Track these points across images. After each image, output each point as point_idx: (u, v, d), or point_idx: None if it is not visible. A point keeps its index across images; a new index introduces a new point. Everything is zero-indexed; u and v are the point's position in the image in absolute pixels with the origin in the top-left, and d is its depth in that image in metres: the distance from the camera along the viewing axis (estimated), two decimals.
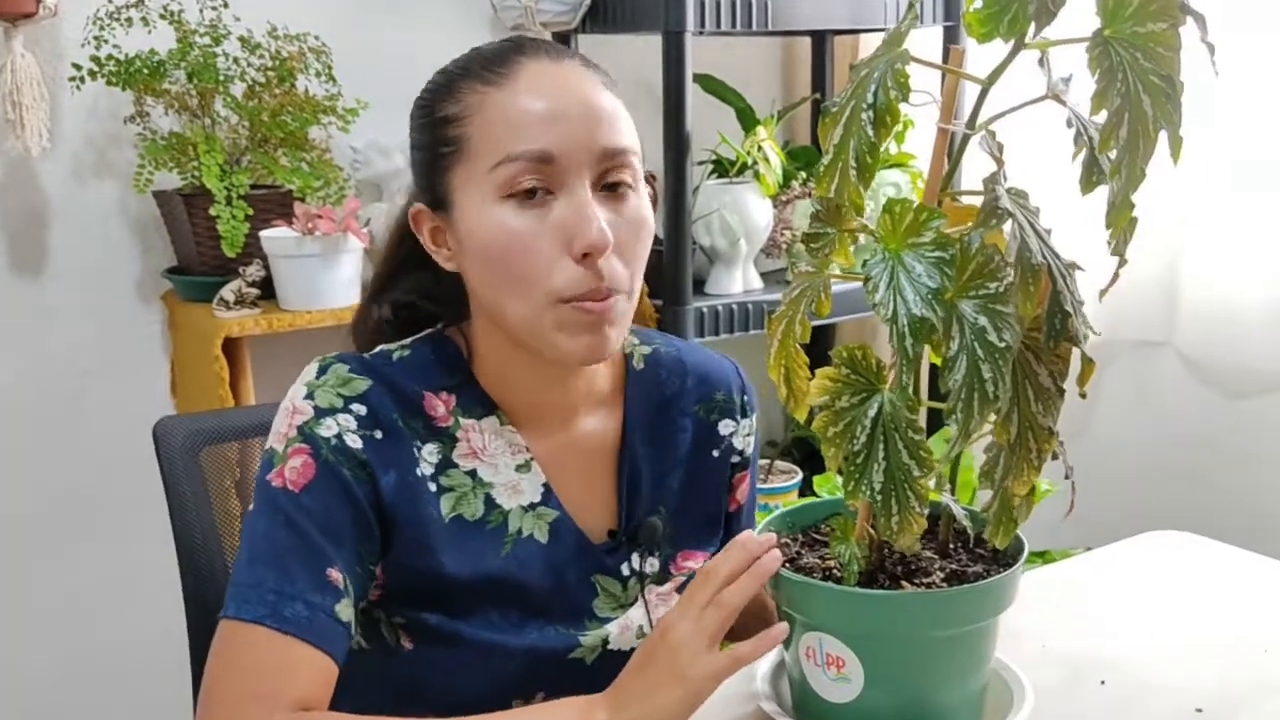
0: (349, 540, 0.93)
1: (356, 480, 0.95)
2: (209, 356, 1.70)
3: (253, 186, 1.82)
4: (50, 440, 1.98)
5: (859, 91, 0.81)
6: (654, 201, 2.26)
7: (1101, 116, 0.74)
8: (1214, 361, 2.20)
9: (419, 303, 1.07)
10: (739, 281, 2.18)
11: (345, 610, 0.92)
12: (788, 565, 0.95)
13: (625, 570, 1.07)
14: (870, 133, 0.80)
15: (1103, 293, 0.88)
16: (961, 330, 0.75)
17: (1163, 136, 0.74)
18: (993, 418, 0.79)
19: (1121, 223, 0.76)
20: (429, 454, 1.00)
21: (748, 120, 2.30)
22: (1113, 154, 0.74)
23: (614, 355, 1.02)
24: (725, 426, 1.14)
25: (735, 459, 1.15)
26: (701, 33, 1.96)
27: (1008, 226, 0.78)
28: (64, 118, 1.88)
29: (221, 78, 1.78)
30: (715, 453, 1.13)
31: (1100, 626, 1.16)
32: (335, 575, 0.91)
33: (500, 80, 0.95)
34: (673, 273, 2.02)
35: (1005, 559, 0.93)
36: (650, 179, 2.26)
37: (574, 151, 0.93)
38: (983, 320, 0.75)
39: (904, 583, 0.89)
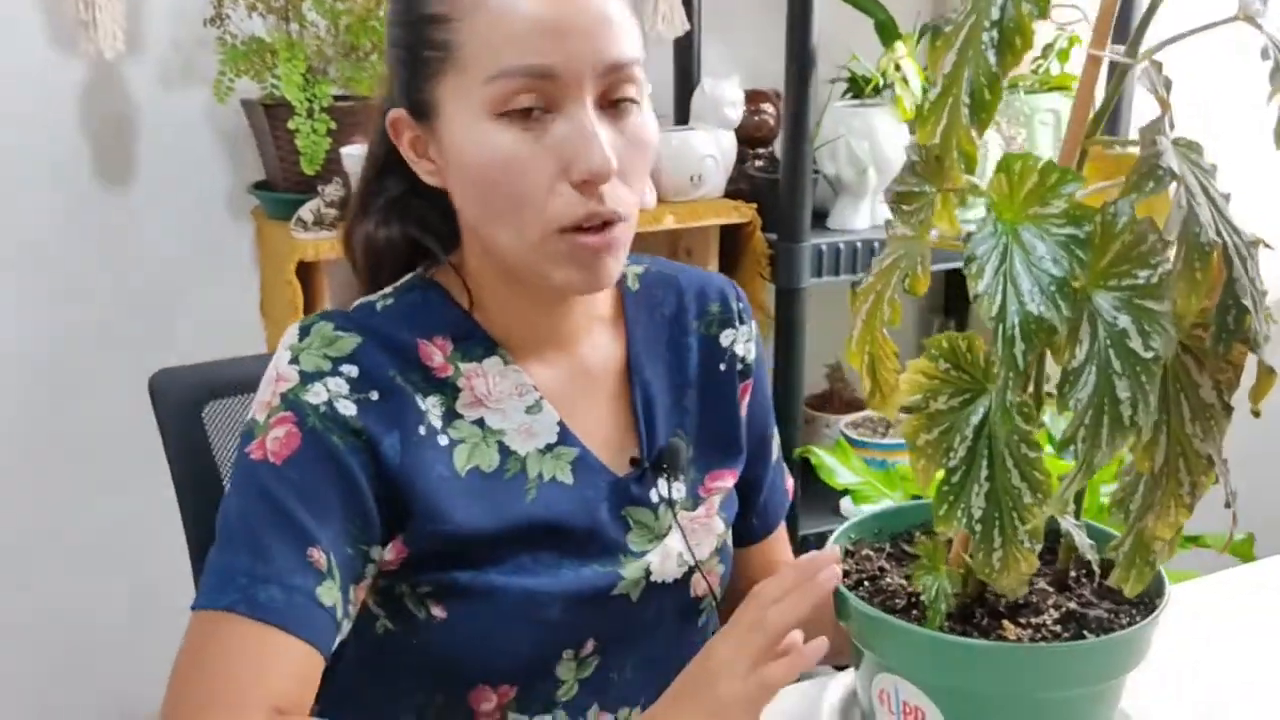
0: (336, 517, 0.85)
1: (350, 450, 0.86)
2: (284, 279, 1.61)
3: (338, 98, 1.71)
4: (135, 358, 1.93)
5: (981, 5, 0.62)
6: (775, 123, 2.06)
7: None
8: None
9: (409, 230, 0.96)
10: (866, 216, 1.99)
11: (329, 594, 0.82)
12: (867, 584, 0.80)
13: (654, 498, 1.00)
14: (992, 59, 0.61)
15: None
16: (1094, 333, 0.57)
17: None
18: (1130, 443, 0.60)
19: None
20: (432, 406, 0.92)
21: (888, 34, 2.07)
22: None
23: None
24: (726, 336, 1.08)
25: (740, 366, 1.08)
26: None
27: (1172, 191, 0.59)
28: (149, 18, 1.79)
29: None
30: (722, 366, 1.07)
31: (1233, 657, 0.96)
32: (317, 555, 0.83)
33: None
34: (789, 205, 1.84)
35: (1143, 598, 0.75)
36: (774, 97, 2.08)
37: (577, 67, 0.83)
38: (1124, 320, 0.57)
39: (1006, 623, 0.73)
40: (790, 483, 1.17)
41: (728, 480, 1.06)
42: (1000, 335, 0.55)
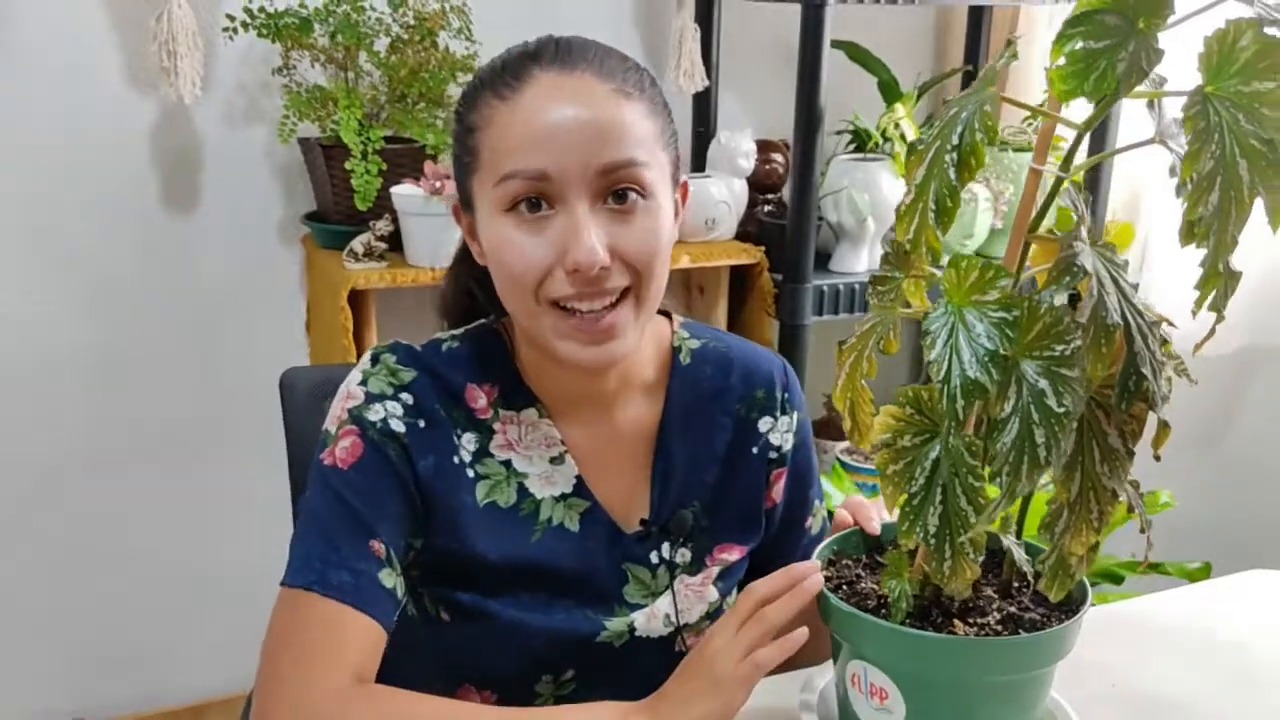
0: (392, 514, 0.99)
1: (400, 459, 1.00)
2: (336, 305, 1.77)
3: (389, 140, 1.87)
4: (188, 372, 2.10)
5: (945, 131, 0.79)
6: (784, 171, 2.21)
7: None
8: None
9: (474, 289, 1.12)
10: (864, 260, 2.15)
11: (389, 577, 0.97)
12: (845, 588, 0.95)
13: (654, 559, 1.09)
14: (952, 175, 0.78)
15: (1197, 348, 0.84)
16: (1019, 392, 0.73)
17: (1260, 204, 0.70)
18: (1047, 477, 0.77)
19: (1210, 289, 0.72)
20: (468, 442, 1.04)
21: (890, 93, 2.24)
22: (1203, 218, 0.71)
23: (631, 358, 1.04)
24: (764, 424, 1.14)
25: (773, 455, 1.15)
26: (846, 0, 1.91)
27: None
28: (218, 64, 1.96)
29: (363, 32, 1.82)
30: (754, 449, 1.14)
31: (1176, 669, 1.12)
32: (378, 546, 0.97)
33: (509, 95, 0.96)
34: (795, 248, 2.00)
35: (1071, 605, 0.91)
36: (783, 147, 2.24)
37: (570, 170, 0.94)
38: (1044, 383, 0.73)
39: (957, 622, 0.89)
40: None
41: (734, 554, 1.13)
42: (945, 393, 0.72)
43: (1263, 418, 2.17)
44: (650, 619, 1.08)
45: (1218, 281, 0.71)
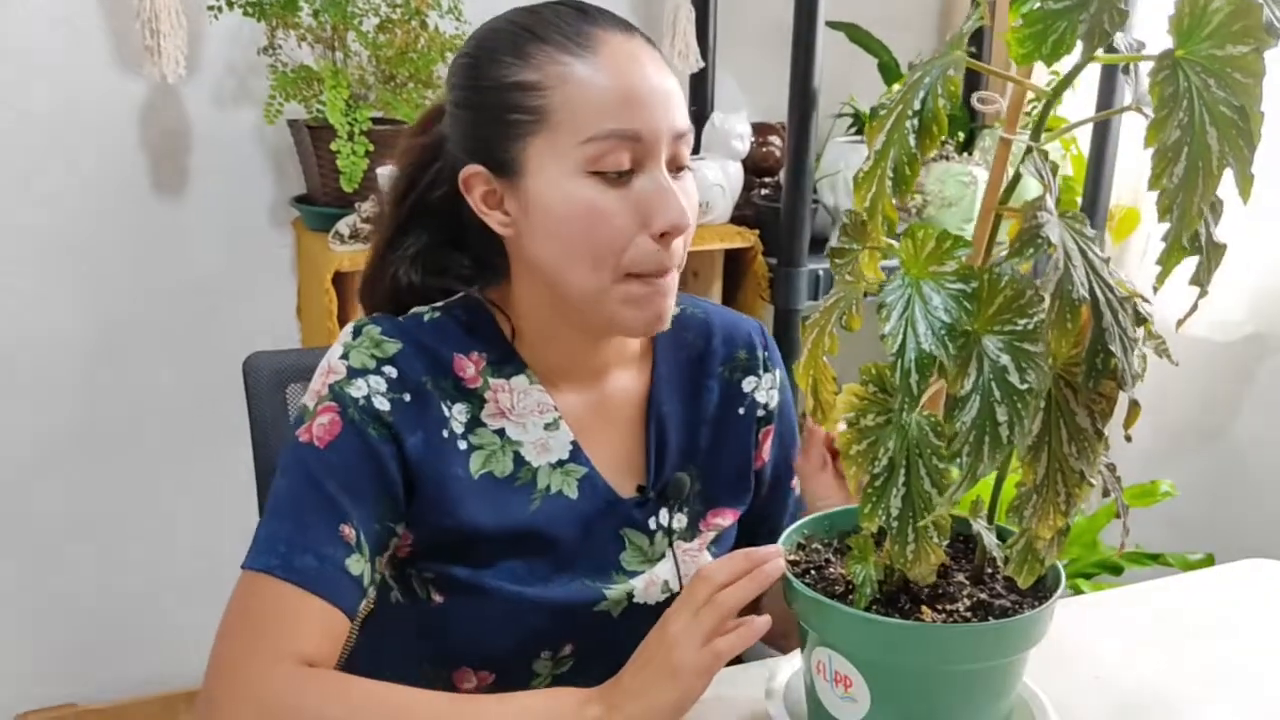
0: (367, 498, 0.95)
1: (381, 440, 0.96)
2: (321, 288, 1.76)
3: (377, 121, 1.85)
4: (179, 357, 2.09)
5: (907, 96, 0.76)
6: (781, 154, 2.18)
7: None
8: None
9: (435, 281, 1.06)
10: None
11: (357, 564, 0.93)
12: (814, 572, 0.93)
13: (653, 525, 1.08)
14: (913, 142, 0.75)
15: (1179, 323, 0.81)
16: (980, 368, 0.70)
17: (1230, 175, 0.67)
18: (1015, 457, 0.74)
19: (1173, 265, 0.69)
20: (459, 413, 1.01)
21: (890, 74, 2.21)
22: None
23: None
24: (748, 383, 1.15)
25: (760, 413, 1.16)
26: None
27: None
28: (207, 44, 1.95)
29: (350, 13, 1.80)
30: (740, 410, 1.15)
31: (1161, 659, 1.09)
32: (348, 531, 0.93)
33: (581, 52, 0.94)
34: (789, 232, 1.96)
35: (1043, 591, 0.88)
36: (780, 129, 2.21)
37: (660, 131, 0.94)
38: (1005, 359, 0.70)
39: (926, 608, 0.86)
40: None
41: (727, 518, 1.13)
42: (900, 368, 0.69)
43: (1270, 407, 2.12)
44: (649, 585, 1.07)
45: (1180, 255, 0.68)
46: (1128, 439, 0.80)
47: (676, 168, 0.98)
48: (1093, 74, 1.85)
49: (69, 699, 2.18)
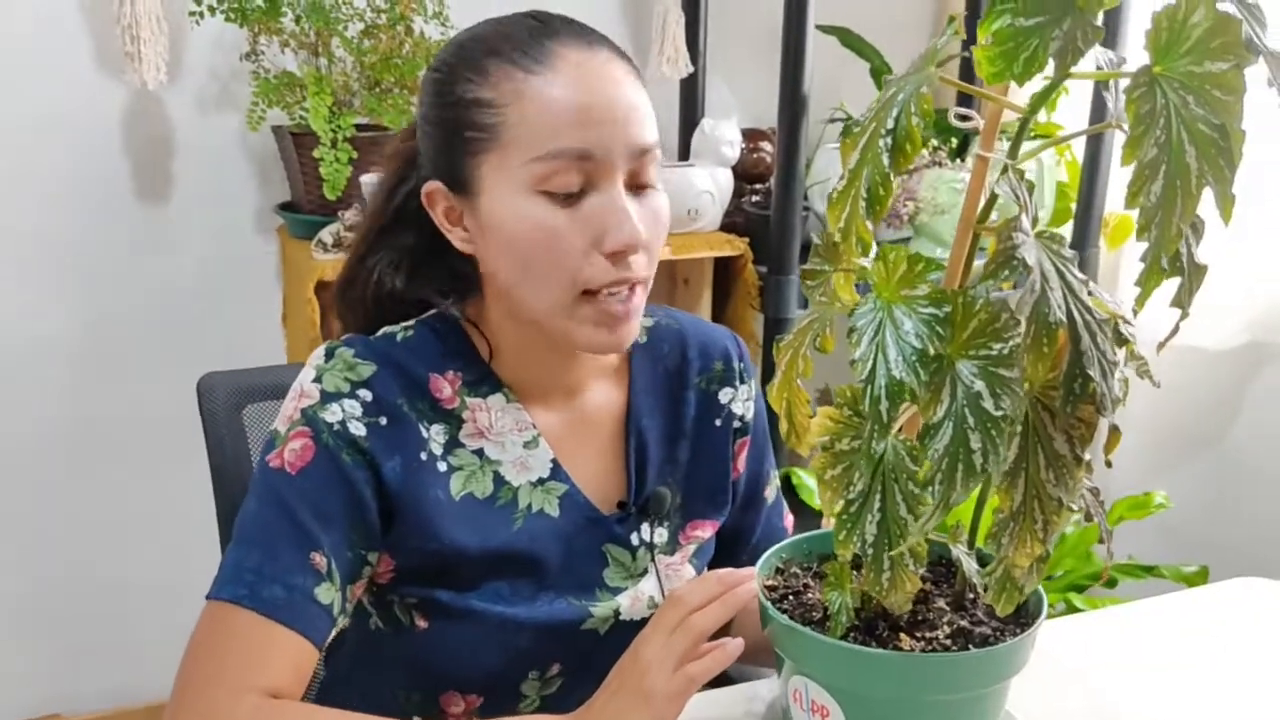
0: (339, 526, 0.93)
1: (356, 466, 0.94)
2: (304, 297, 1.74)
3: (361, 128, 1.83)
4: (165, 357, 2.07)
5: (881, 114, 0.74)
6: (772, 161, 2.16)
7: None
8: None
9: (417, 288, 1.03)
10: None
11: (327, 593, 0.91)
12: (792, 598, 0.91)
13: (634, 540, 1.07)
14: (886, 161, 0.73)
15: (1160, 346, 0.79)
16: (954, 394, 0.68)
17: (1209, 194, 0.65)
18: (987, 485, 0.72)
19: (1151, 287, 0.67)
20: (437, 434, 0.99)
21: (881, 78, 2.19)
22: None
23: None
24: (725, 395, 1.14)
25: (736, 424, 1.15)
26: None
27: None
28: (190, 50, 1.93)
29: (334, 18, 1.78)
30: (718, 421, 1.13)
31: (1158, 681, 1.07)
32: (319, 559, 0.91)
33: (537, 68, 0.92)
34: (779, 240, 1.94)
35: (1025, 618, 0.86)
36: (771, 135, 2.19)
37: (613, 150, 0.92)
38: (979, 384, 0.68)
39: (905, 636, 0.84)
40: (790, 520, 1.23)
41: (707, 530, 1.12)
42: (869, 394, 0.67)
43: (1265, 417, 2.10)
44: (635, 601, 1.06)
45: (1159, 278, 0.66)
46: (1108, 464, 0.78)
47: (638, 185, 0.95)
48: (1086, 80, 1.83)
49: (53, 710, 2.16)
